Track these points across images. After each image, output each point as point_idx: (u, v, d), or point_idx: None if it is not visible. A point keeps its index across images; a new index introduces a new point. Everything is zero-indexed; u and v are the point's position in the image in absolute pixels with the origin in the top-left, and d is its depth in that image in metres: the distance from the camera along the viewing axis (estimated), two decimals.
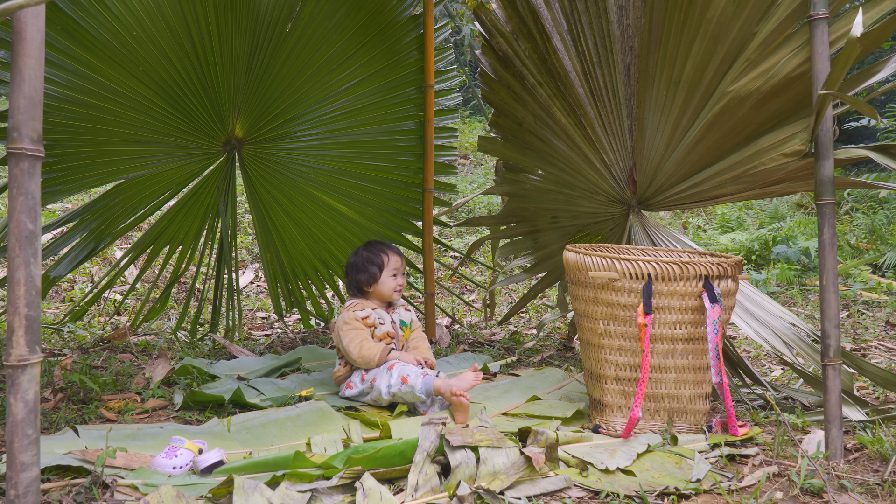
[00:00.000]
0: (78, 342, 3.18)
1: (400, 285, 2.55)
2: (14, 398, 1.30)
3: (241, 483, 1.52)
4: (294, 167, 3.21)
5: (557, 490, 1.71)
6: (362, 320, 2.46)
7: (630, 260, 2.05)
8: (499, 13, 2.88)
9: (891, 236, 5.89)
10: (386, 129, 3.31)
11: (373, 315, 2.49)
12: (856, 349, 3.36)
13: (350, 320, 2.45)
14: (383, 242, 2.62)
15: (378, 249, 2.57)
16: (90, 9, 2.48)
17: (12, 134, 1.32)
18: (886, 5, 2.04)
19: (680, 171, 2.64)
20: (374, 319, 2.48)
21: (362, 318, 2.46)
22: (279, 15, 2.87)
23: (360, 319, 2.46)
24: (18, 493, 1.30)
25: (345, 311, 2.50)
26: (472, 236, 6.06)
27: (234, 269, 3.29)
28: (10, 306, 1.31)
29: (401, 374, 2.27)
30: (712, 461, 1.90)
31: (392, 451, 1.73)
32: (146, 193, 3.03)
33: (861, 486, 1.73)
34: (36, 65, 1.33)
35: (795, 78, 2.20)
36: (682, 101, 2.52)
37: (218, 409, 2.32)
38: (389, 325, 2.51)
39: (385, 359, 2.36)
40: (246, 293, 4.46)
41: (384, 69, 3.20)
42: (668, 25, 2.47)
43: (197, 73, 2.79)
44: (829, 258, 1.96)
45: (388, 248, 2.58)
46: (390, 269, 2.53)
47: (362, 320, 2.46)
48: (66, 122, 2.64)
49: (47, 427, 2.08)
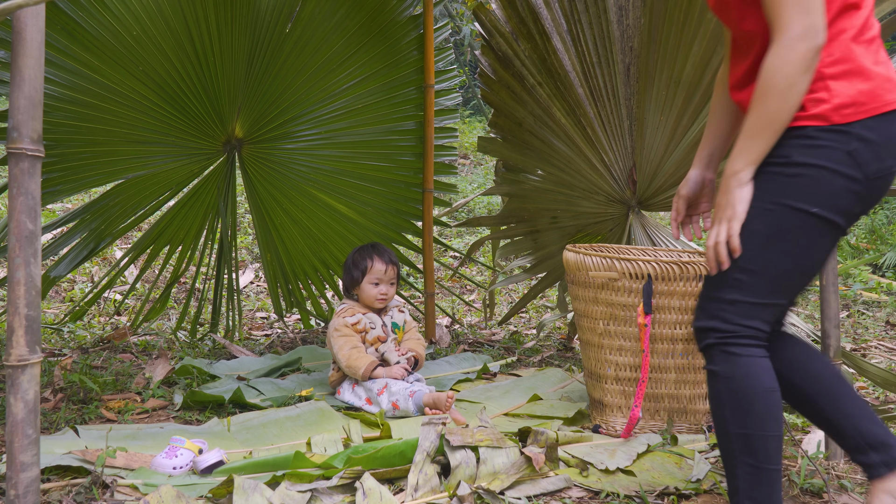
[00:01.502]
0: (78, 342, 3.18)
1: (382, 294, 2.48)
2: (14, 398, 1.30)
3: (241, 483, 1.52)
4: (294, 167, 3.21)
5: (557, 490, 1.71)
6: (352, 326, 2.45)
7: (630, 260, 2.05)
8: (498, 13, 2.88)
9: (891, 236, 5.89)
10: (386, 129, 3.31)
11: (363, 320, 2.47)
12: (856, 349, 3.36)
13: (340, 327, 2.44)
14: (379, 249, 2.54)
15: (366, 254, 2.51)
16: (90, 9, 2.48)
17: (12, 134, 1.32)
18: (886, 6, 2.04)
19: (680, 172, 2.64)
20: (364, 325, 2.47)
21: (352, 324, 2.45)
22: (279, 15, 2.87)
23: (350, 326, 2.45)
24: (18, 493, 1.30)
25: (335, 318, 2.49)
26: (472, 236, 6.06)
27: (234, 269, 3.29)
28: (10, 306, 1.31)
29: (391, 401, 2.28)
30: (712, 461, 1.90)
31: (392, 451, 1.73)
32: (146, 193, 3.03)
33: (861, 487, 1.73)
34: (36, 65, 1.33)
35: None
36: (682, 101, 2.52)
37: (218, 409, 2.32)
38: (380, 328, 2.49)
39: (370, 374, 2.36)
40: (246, 293, 4.46)
41: (384, 69, 3.20)
42: (668, 25, 2.47)
43: (197, 73, 2.79)
44: (829, 258, 1.96)
45: (379, 254, 2.51)
46: (372, 276, 2.48)
47: (352, 326, 2.45)
48: (66, 122, 2.64)
49: (47, 427, 2.08)
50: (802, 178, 1.29)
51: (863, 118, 1.27)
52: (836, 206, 1.30)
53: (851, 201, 1.31)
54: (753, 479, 1.31)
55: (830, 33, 1.29)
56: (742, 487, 1.32)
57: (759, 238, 1.31)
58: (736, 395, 1.30)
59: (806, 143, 1.29)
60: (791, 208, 1.29)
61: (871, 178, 1.30)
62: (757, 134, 1.30)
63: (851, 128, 1.27)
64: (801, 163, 1.29)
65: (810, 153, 1.28)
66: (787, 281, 1.35)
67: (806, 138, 1.29)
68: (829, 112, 1.27)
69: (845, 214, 1.32)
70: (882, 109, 1.28)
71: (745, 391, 1.30)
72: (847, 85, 1.28)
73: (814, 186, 1.29)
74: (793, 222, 1.30)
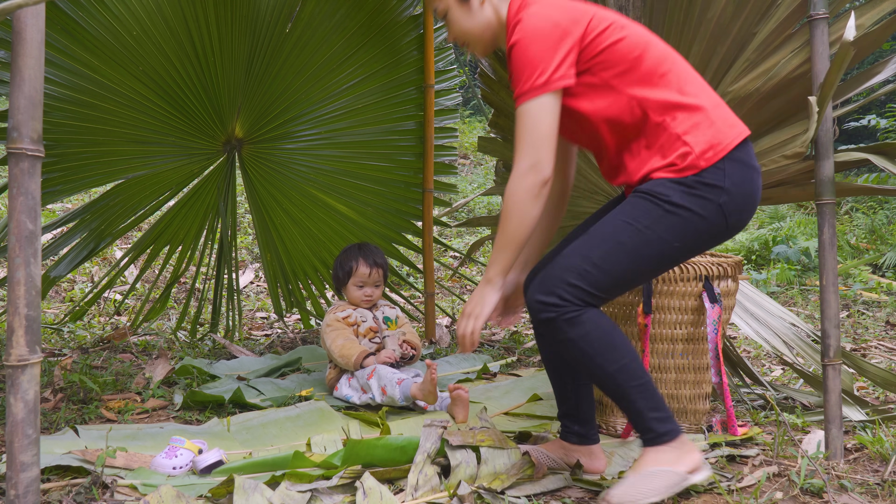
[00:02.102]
0: (78, 342, 3.18)
1: (367, 295, 2.53)
2: (14, 398, 1.30)
3: (241, 483, 1.52)
4: (294, 167, 3.21)
5: (557, 489, 1.71)
6: (343, 320, 2.51)
7: None
8: None
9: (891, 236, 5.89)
10: (386, 129, 3.31)
11: (353, 314, 2.53)
12: (856, 349, 3.36)
13: (331, 322, 2.50)
14: (365, 250, 2.55)
15: (351, 256, 2.54)
16: (90, 9, 2.48)
17: (12, 134, 1.32)
18: (886, 6, 2.04)
19: None
20: (355, 318, 2.53)
21: (343, 318, 2.52)
22: (279, 15, 2.87)
23: (341, 320, 2.51)
24: (18, 493, 1.30)
25: (326, 315, 2.55)
26: (472, 236, 6.06)
27: (234, 269, 3.29)
28: (10, 306, 1.31)
29: (380, 385, 2.30)
30: (712, 461, 1.90)
31: (393, 445, 1.73)
32: (146, 193, 3.03)
33: (861, 486, 1.74)
34: (36, 65, 1.33)
35: (795, 78, 2.20)
36: None
37: (218, 409, 2.32)
38: (371, 320, 2.54)
39: (361, 362, 2.39)
40: (246, 293, 4.46)
41: (384, 69, 3.20)
42: (668, 25, 2.47)
43: (197, 73, 2.79)
44: (829, 258, 1.96)
45: (364, 256, 2.53)
46: (357, 279, 2.52)
47: (343, 320, 2.51)
48: (66, 122, 2.64)
49: (47, 427, 2.08)
50: (676, 216, 1.52)
51: (723, 157, 1.52)
52: (695, 244, 1.56)
53: (708, 242, 1.58)
54: (646, 392, 1.50)
55: (657, 115, 1.55)
56: (643, 406, 1.50)
57: (622, 248, 1.51)
58: (598, 342, 1.48)
59: (684, 190, 1.52)
60: (659, 236, 1.52)
61: (730, 227, 1.56)
62: (503, 249, 1.58)
63: (724, 182, 1.52)
64: (678, 204, 1.52)
65: (687, 199, 1.52)
66: (624, 287, 1.58)
67: (685, 186, 1.52)
68: (696, 160, 1.50)
69: (699, 250, 1.59)
70: (731, 147, 1.53)
71: (602, 335, 1.49)
72: (698, 134, 1.52)
73: (683, 225, 1.52)
74: (656, 247, 1.52)
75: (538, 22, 1.52)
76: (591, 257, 1.52)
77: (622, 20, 1.61)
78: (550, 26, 1.52)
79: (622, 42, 1.56)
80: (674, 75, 1.58)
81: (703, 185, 1.52)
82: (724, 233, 1.57)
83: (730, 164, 1.53)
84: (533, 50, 1.51)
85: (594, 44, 1.55)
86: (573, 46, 1.53)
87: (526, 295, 1.59)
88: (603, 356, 1.49)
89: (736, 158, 1.55)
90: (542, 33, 1.51)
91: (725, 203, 1.53)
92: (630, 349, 1.52)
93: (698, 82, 1.62)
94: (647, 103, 1.56)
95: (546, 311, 1.51)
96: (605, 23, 1.57)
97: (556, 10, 1.56)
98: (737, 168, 1.54)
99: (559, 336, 1.52)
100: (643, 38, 1.59)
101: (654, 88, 1.56)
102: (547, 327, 1.53)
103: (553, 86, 1.51)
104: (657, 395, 1.53)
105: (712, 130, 1.54)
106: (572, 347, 1.51)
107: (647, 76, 1.56)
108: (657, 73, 1.57)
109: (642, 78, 1.56)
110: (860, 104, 2.18)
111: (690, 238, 1.54)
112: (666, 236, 1.52)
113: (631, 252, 1.52)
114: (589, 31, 1.55)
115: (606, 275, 1.52)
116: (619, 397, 1.53)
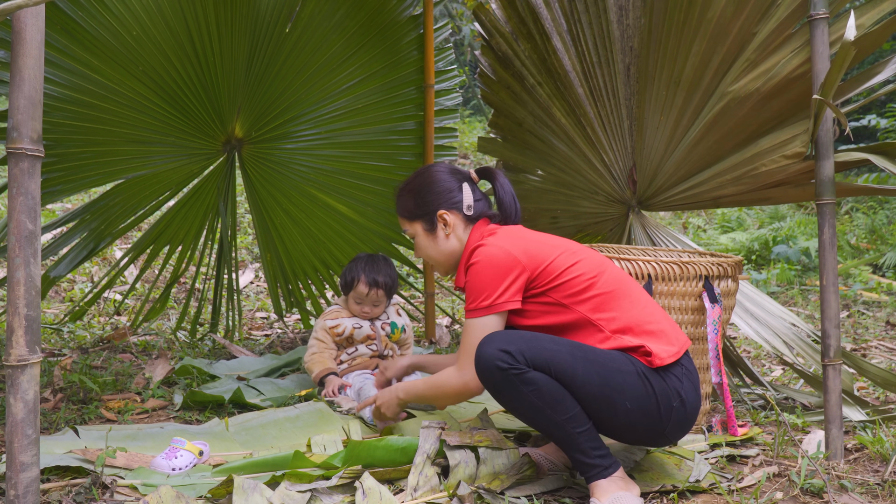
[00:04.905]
0: (78, 342, 3.18)
1: (365, 312, 2.52)
2: (14, 398, 1.30)
3: (240, 483, 1.52)
4: (294, 167, 3.21)
5: (557, 489, 1.71)
6: (331, 330, 2.52)
7: (630, 260, 2.05)
8: (498, 13, 2.88)
9: (891, 236, 5.89)
10: (386, 129, 3.31)
11: (345, 323, 2.51)
12: (856, 349, 3.36)
13: (318, 329, 2.53)
14: (371, 267, 2.50)
15: (358, 270, 2.50)
16: (90, 9, 2.48)
17: (12, 134, 1.32)
18: (886, 6, 2.04)
19: (680, 172, 2.64)
20: (344, 327, 2.51)
21: (331, 327, 2.52)
22: (279, 15, 2.86)
23: (329, 329, 2.52)
24: (18, 493, 1.30)
25: (320, 318, 2.56)
26: None
27: (234, 269, 3.29)
28: (10, 306, 1.31)
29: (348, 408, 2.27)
30: (712, 461, 1.90)
31: (394, 446, 1.73)
32: (146, 193, 3.03)
33: (861, 486, 1.73)
34: (36, 65, 1.33)
35: (796, 78, 2.20)
36: (682, 102, 2.52)
37: (218, 410, 2.32)
38: (368, 328, 2.53)
39: (319, 380, 2.43)
40: (246, 293, 4.46)
41: (384, 69, 3.19)
42: (668, 25, 2.47)
43: (197, 73, 2.79)
44: (829, 258, 1.96)
45: (367, 274, 2.48)
46: (356, 295, 2.51)
47: (331, 330, 2.52)
48: (66, 122, 2.64)
49: (47, 427, 2.08)
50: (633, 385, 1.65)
51: (671, 362, 1.65)
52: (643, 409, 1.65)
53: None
54: (589, 435, 1.61)
55: (613, 342, 1.66)
56: (588, 447, 1.61)
57: (585, 375, 1.59)
58: (547, 395, 1.58)
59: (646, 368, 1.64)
60: (619, 384, 1.61)
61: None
62: (422, 399, 1.88)
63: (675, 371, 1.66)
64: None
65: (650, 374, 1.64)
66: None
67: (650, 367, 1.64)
68: (654, 360, 1.63)
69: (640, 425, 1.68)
70: (666, 362, 1.64)
71: (551, 391, 1.58)
72: (655, 344, 1.65)
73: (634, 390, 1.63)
74: (612, 390, 1.60)
75: (495, 251, 1.73)
76: (561, 347, 1.63)
77: (580, 251, 1.77)
78: (504, 255, 1.72)
79: (574, 269, 1.71)
80: (610, 297, 1.71)
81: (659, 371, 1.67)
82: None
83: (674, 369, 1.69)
84: (484, 275, 1.71)
85: (545, 273, 1.71)
86: (520, 275, 1.70)
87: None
88: (553, 407, 1.60)
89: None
90: (495, 262, 1.71)
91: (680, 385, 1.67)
92: (571, 402, 1.60)
93: (632, 305, 1.73)
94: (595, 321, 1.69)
95: (499, 359, 1.60)
96: (557, 252, 1.74)
97: (511, 243, 1.75)
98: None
99: (519, 387, 1.61)
100: (597, 267, 1.74)
101: (604, 312, 1.70)
102: (501, 376, 1.62)
103: (497, 308, 1.70)
104: (597, 435, 1.64)
105: (660, 340, 1.70)
106: (526, 396, 1.60)
107: (599, 302, 1.70)
108: (607, 297, 1.70)
109: (591, 301, 1.69)
110: (860, 104, 2.18)
111: (641, 403, 1.63)
112: (626, 398, 1.62)
113: (597, 385, 1.61)
114: (539, 263, 1.71)
115: (560, 375, 1.60)
116: (565, 443, 1.62)
